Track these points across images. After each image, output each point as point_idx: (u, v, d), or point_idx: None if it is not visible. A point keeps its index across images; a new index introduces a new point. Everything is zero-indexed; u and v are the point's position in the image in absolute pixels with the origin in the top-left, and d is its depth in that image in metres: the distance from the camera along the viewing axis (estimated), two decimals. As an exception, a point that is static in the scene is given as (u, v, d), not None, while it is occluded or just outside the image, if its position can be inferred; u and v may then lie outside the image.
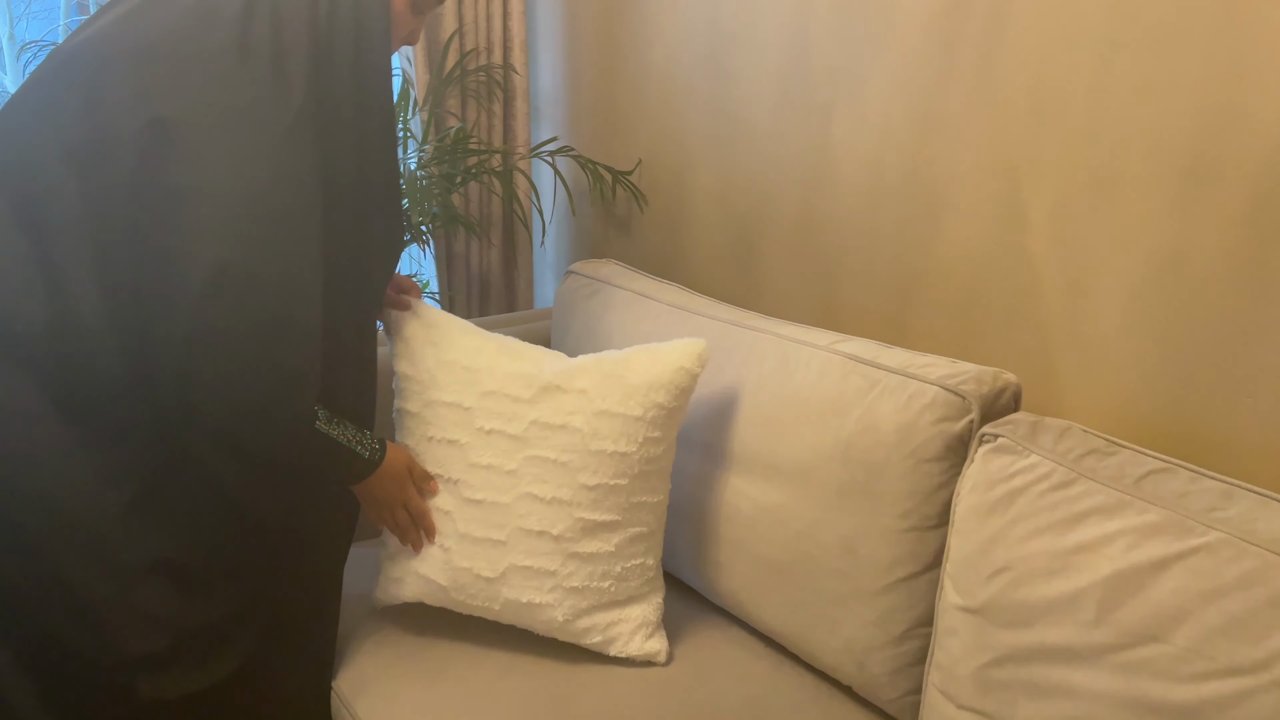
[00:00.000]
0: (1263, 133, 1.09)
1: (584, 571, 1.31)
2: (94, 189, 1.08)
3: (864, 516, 1.23)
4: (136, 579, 1.15)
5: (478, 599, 1.33)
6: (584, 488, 1.29)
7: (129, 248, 1.08)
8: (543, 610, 1.31)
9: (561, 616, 1.31)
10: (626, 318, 1.65)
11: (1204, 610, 0.91)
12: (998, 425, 1.15)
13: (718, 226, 1.86)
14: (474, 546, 1.32)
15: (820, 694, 1.32)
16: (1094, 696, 0.98)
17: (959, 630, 1.12)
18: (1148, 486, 1.02)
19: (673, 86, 1.89)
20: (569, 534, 1.30)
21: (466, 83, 2.12)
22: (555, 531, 1.30)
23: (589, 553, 1.30)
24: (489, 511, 1.31)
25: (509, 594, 1.32)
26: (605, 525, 1.31)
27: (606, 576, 1.32)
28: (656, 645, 1.35)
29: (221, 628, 1.21)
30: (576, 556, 1.30)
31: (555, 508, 1.29)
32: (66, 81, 1.10)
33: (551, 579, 1.30)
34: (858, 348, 1.33)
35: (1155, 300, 1.21)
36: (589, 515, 1.30)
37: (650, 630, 1.35)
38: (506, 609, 1.33)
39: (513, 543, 1.30)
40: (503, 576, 1.31)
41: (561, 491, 1.29)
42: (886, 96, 1.49)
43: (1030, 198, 1.33)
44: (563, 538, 1.30)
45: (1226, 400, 1.16)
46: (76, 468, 1.12)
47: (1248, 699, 0.87)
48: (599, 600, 1.32)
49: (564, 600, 1.31)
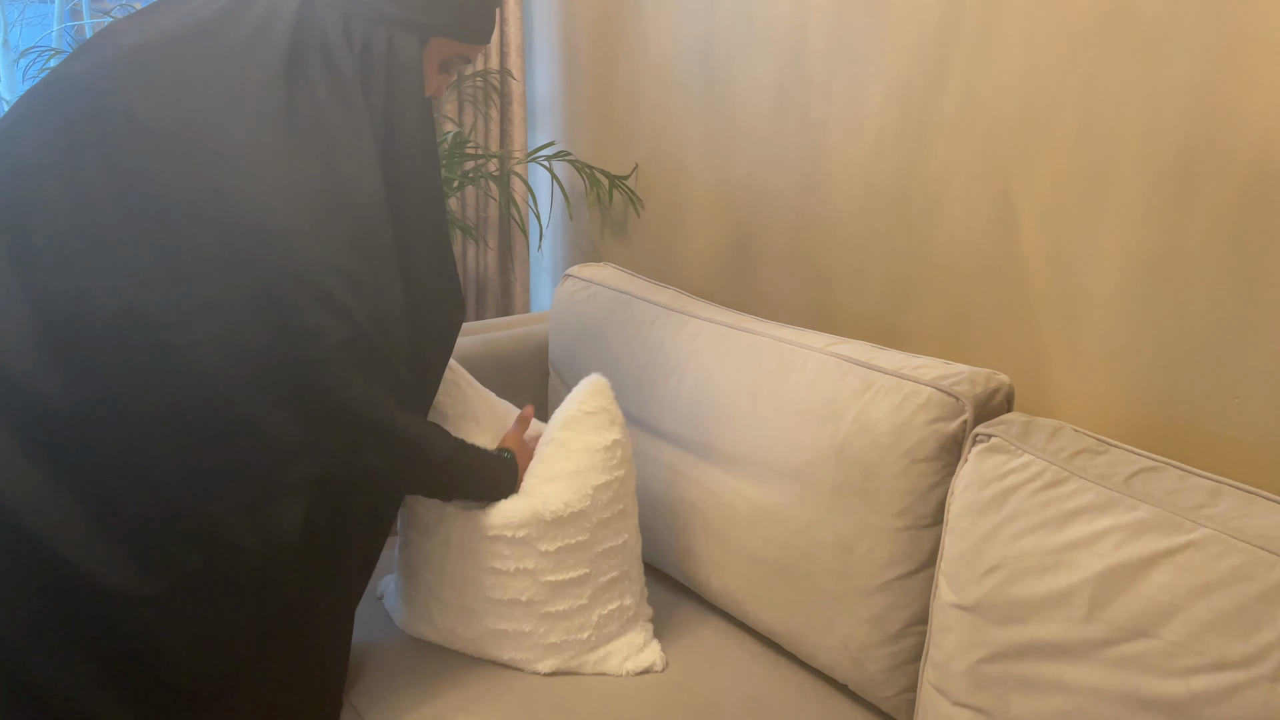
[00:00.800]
0: (1249, 138, 1.11)
1: (560, 628, 1.31)
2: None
3: (860, 516, 1.25)
4: None
5: (468, 649, 1.36)
6: (545, 554, 1.27)
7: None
8: (527, 664, 1.33)
9: (545, 670, 1.32)
10: (623, 321, 1.66)
11: (1193, 605, 0.93)
12: (991, 425, 1.17)
13: (714, 231, 1.88)
14: (452, 610, 1.33)
15: (817, 692, 1.34)
16: (1086, 691, 0.99)
17: (953, 627, 1.13)
18: (1137, 484, 1.04)
19: (669, 92, 1.91)
20: (539, 598, 1.29)
21: (464, 88, 2.13)
22: (524, 598, 1.29)
23: (562, 610, 1.30)
24: (459, 582, 1.31)
25: (492, 651, 1.33)
26: (574, 581, 1.30)
27: (584, 628, 1.32)
28: (649, 659, 1.35)
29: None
30: (550, 616, 1.30)
31: (520, 577, 1.28)
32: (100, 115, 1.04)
33: (529, 639, 1.31)
34: (853, 350, 1.35)
35: (1145, 303, 1.23)
36: (555, 577, 1.29)
37: (639, 649, 1.36)
38: (496, 660, 1.35)
39: (484, 610, 1.31)
40: (481, 638, 1.33)
41: (524, 563, 1.27)
42: (881, 103, 1.51)
43: (1022, 202, 1.35)
44: (533, 601, 1.29)
45: (1215, 400, 1.18)
46: None
47: (1237, 693, 0.89)
48: (581, 650, 1.33)
49: (545, 656, 1.32)
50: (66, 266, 1.02)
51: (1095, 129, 1.25)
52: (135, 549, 1.05)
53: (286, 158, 1.03)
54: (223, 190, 1.02)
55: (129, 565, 1.04)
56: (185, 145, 1.02)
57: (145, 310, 1.02)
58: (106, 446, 1.04)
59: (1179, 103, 1.16)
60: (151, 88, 1.04)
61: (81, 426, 1.03)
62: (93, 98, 1.04)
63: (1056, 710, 1.02)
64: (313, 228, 1.03)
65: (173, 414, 1.04)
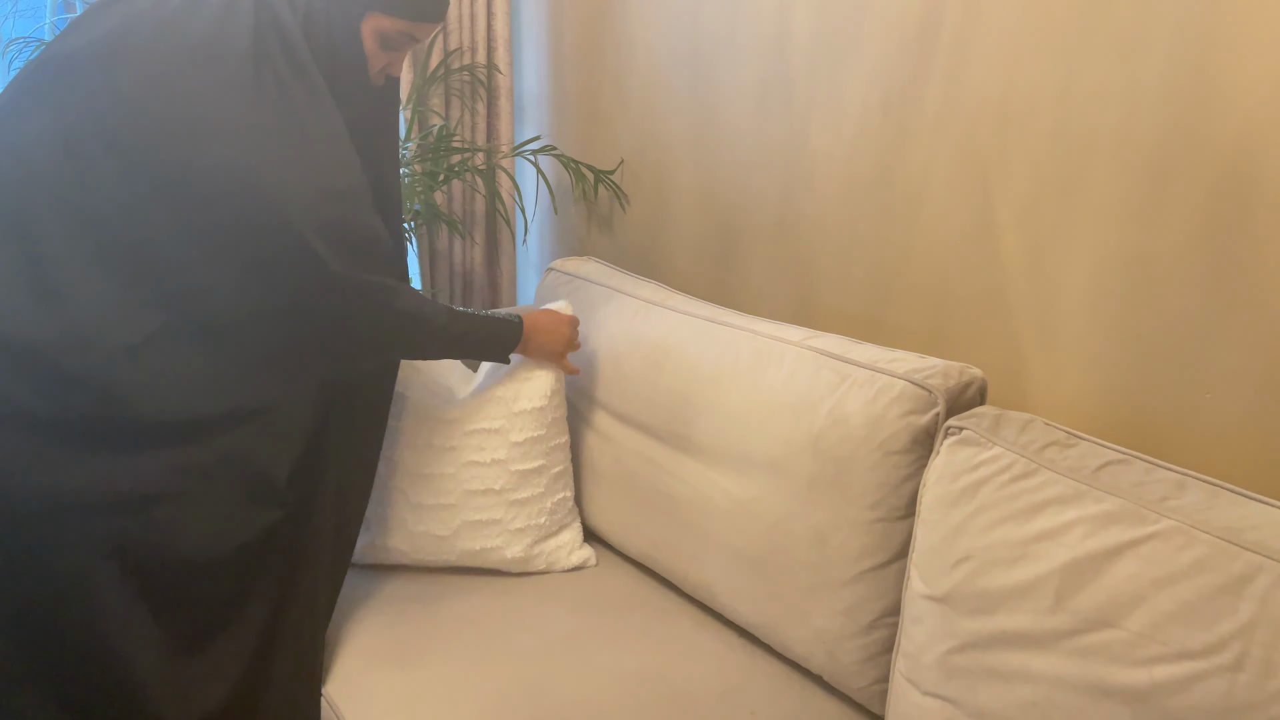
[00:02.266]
0: (1221, 137, 1.12)
1: (523, 514, 1.53)
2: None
3: (834, 508, 1.26)
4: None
5: (435, 555, 1.54)
6: (515, 444, 1.51)
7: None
8: (495, 552, 1.53)
9: (511, 554, 1.53)
10: (605, 314, 1.67)
11: (1156, 596, 0.94)
12: (963, 418, 1.18)
13: (698, 225, 1.88)
14: (427, 512, 1.52)
15: (792, 683, 1.35)
16: (1051, 681, 1.00)
17: (924, 619, 1.14)
18: (1105, 477, 1.05)
19: (655, 87, 1.92)
20: (508, 485, 1.52)
21: (450, 81, 2.14)
22: (497, 486, 1.51)
23: (524, 497, 1.53)
24: (436, 482, 1.52)
25: (464, 545, 1.53)
26: (534, 471, 1.54)
27: (541, 513, 1.55)
28: (585, 554, 1.60)
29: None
30: (515, 503, 1.53)
31: (494, 468, 1.51)
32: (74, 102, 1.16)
33: (498, 525, 1.52)
34: (829, 343, 1.36)
35: (1119, 299, 1.24)
36: (521, 466, 1.52)
37: (577, 546, 1.60)
38: (463, 557, 1.53)
39: (461, 503, 1.51)
40: (456, 533, 1.52)
41: (498, 453, 1.51)
42: (863, 99, 1.52)
43: (1000, 199, 1.36)
44: (504, 490, 1.52)
45: (1186, 395, 1.19)
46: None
47: (1198, 682, 0.90)
48: (538, 535, 1.55)
49: (511, 542, 1.53)
50: (72, 234, 1.13)
51: (1072, 128, 1.26)
52: None
53: (264, 132, 1.16)
54: (214, 165, 1.14)
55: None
56: (177, 125, 1.14)
57: (159, 258, 1.14)
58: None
59: (1153, 102, 1.17)
60: (138, 69, 1.14)
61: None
62: (84, 77, 1.15)
63: (1023, 700, 1.03)
64: (298, 180, 1.17)
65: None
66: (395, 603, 1.47)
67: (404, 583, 1.53)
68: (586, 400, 1.67)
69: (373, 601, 1.48)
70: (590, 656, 1.36)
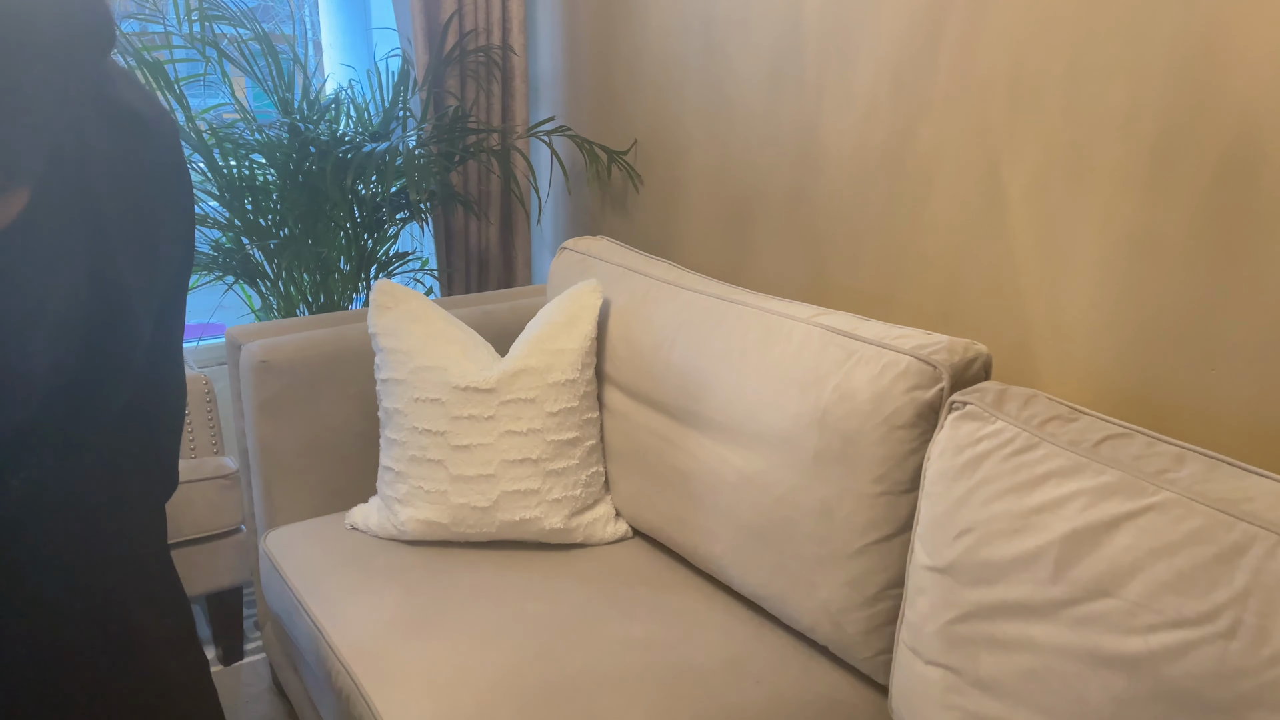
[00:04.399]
0: (1228, 115, 1.12)
1: (560, 484, 1.59)
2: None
3: (840, 482, 1.28)
4: None
5: (476, 527, 1.58)
6: (549, 415, 1.58)
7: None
8: (534, 523, 1.58)
9: (549, 525, 1.59)
10: (616, 293, 1.69)
11: (1153, 566, 0.96)
12: (966, 393, 1.19)
13: (711, 205, 1.90)
14: (467, 484, 1.57)
15: (799, 654, 1.37)
16: (1050, 649, 1.02)
17: (927, 589, 1.16)
18: (1105, 450, 1.06)
19: (668, 68, 1.93)
20: (545, 456, 1.58)
21: (466, 63, 2.16)
22: (534, 456, 1.58)
23: (561, 468, 1.60)
24: (476, 453, 1.57)
25: (503, 516, 1.57)
26: (569, 443, 1.60)
27: (577, 485, 1.61)
28: (621, 528, 1.67)
29: None
30: (552, 474, 1.59)
31: (531, 437, 1.58)
32: None
33: (536, 496, 1.58)
34: (837, 320, 1.38)
35: (1126, 276, 1.25)
36: (556, 436, 1.59)
37: (613, 519, 1.67)
38: (502, 529, 1.58)
39: (500, 473, 1.57)
40: (496, 503, 1.57)
41: (534, 422, 1.58)
42: (874, 77, 1.53)
43: (1009, 177, 1.37)
44: (540, 459, 1.58)
45: (1190, 371, 1.20)
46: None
47: (1192, 650, 0.92)
48: (575, 507, 1.61)
49: (550, 513, 1.58)
50: None
51: (1081, 107, 1.27)
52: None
53: None
54: None
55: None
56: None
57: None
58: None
59: (1160, 80, 1.18)
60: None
61: None
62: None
63: (1023, 668, 1.05)
64: None
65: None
66: (410, 573, 1.51)
67: (418, 555, 1.57)
68: (599, 377, 1.69)
69: (389, 573, 1.51)
70: (600, 627, 1.39)
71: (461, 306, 1.92)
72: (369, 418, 1.78)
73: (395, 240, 2.23)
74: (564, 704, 1.22)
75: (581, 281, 1.70)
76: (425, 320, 1.63)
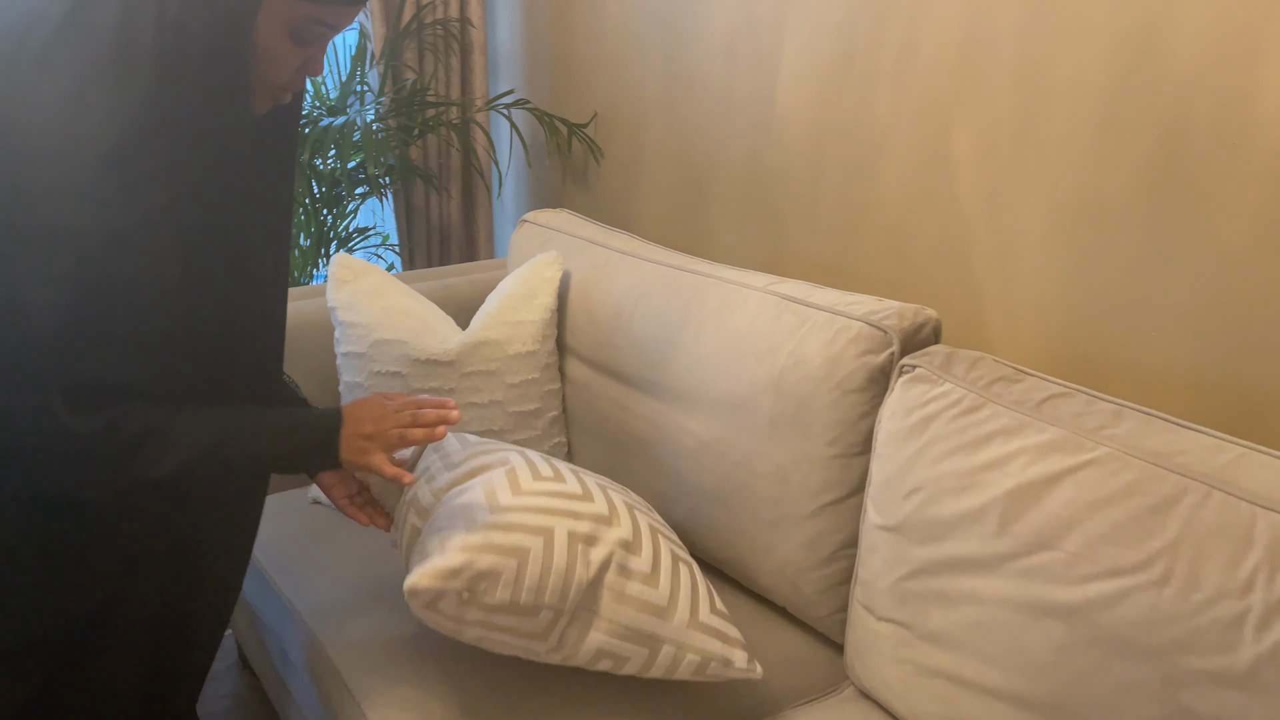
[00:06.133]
0: (1170, 82, 1.15)
1: None
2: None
3: (795, 446, 1.30)
4: None
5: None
6: (511, 386, 1.60)
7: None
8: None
9: None
10: (576, 265, 1.71)
11: (1091, 518, 0.99)
12: (916, 357, 1.22)
13: (670, 177, 1.91)
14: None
15: (758, 616, 1.40)
16: (995, 602, 1.06)
17: (879, 548, 1.20)
18: (1047, 409, 1.10)
19: (627, 40, 1.93)
20: (507, 428, 1.60)
21: (424, 36, 2.15)
22: (496, 428, 1.59)
23: (523, 439, 1.62)
24: None
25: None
26: (531, 414, 1.63)
27: None
28: None
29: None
30: (515, 445, 1.49)
31: (492, 409, 1.59)
32: None
33: None
34: (791, 288, 1.40)
35: (1071, 242, 1.28)
36: (518, 408, 1.61)
37: None
38: None
39: None
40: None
41: (495, 394, 1.59)
42: (828, 48, 1.55)
43: (959, 144, 1.39)
44: (502, 431, 1.60)
45: (1131, 332, 1.24)
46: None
47: (1127, 597, 0.96)
48: None
49: None
50: None
51: (1029, 73, 1.29)
52: None
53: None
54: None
55: None
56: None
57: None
58: None
59: (1106, 48, 1.20)
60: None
61: None
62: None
63: (969, 620, 1.08)
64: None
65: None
66: (373, 544, 1.52)
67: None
68: (561, 349, 1.71)
69: (352, 545, 1.52)
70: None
71: (421, 280, 1.92)
72: (330, 392, 1.78)
73: (355, 216, 2.22)
74: (525, 668, 1.25)
75: (541, 254, 1.71)
76: (384, 294, 1.63)
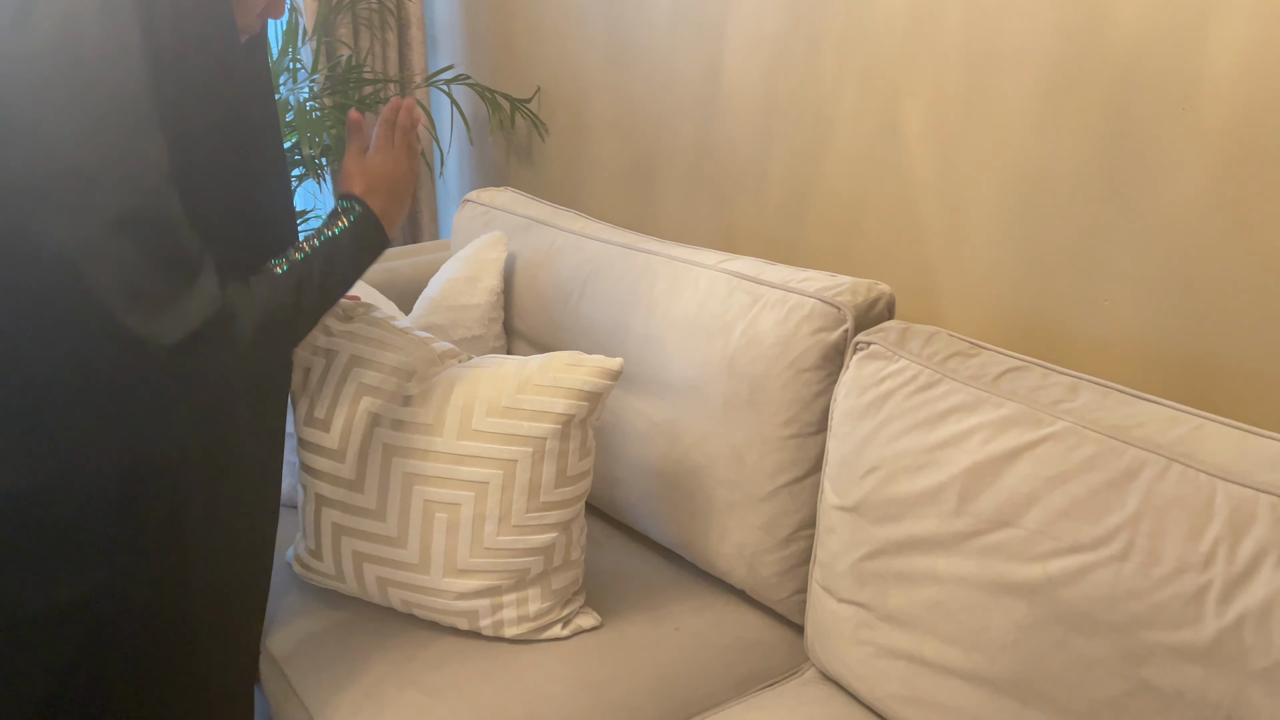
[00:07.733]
0: (1116, 50, 1.13)
1: None
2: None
3: (749, 427, 1.28)
4: None
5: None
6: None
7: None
8: None
9: None
10: (521, 245, 1.66)
11: (1050, 494, 0.98)
12: (870, 333, 1.20)
13: (617, 153, 1.87)
14: None
15: (716, 599, 1.38)
16: (955, 580, 1.04)
17: (837, 528, 1.18)
18: (1004, 384, 1.08)
19: (569, 12, 1.88)
20: None
21: (358, 10, 2.07)
22: None
23: None
24: None
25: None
26: None
27: None
28: None
29: None
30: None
31: None
32: None
33: None
34: (743, 265, 1.37)
35: (1021, 212, 1.27)
36: None
37: None
38: None
39: None
40: None
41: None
42: (773, 19, 1.51)
43: (908, 113, 1.37)
44: None
45: (1083, 303, 1.22)
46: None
47: (1088, 573, 0.94)
48: None
49: None
50: None
51: (975, 43, 1.26)
52: None
53: (23, 61, 0.88)
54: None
55: None
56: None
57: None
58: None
59: (1052, 14, 1.18)
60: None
61: None
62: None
63: (929, 600, 1.07)
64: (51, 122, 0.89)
65: None
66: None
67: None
68: (508, 332, 1.66)
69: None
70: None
71: (364, 265, 1.86)
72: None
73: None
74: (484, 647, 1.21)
75: (485, 235, 1.66)
76: None
